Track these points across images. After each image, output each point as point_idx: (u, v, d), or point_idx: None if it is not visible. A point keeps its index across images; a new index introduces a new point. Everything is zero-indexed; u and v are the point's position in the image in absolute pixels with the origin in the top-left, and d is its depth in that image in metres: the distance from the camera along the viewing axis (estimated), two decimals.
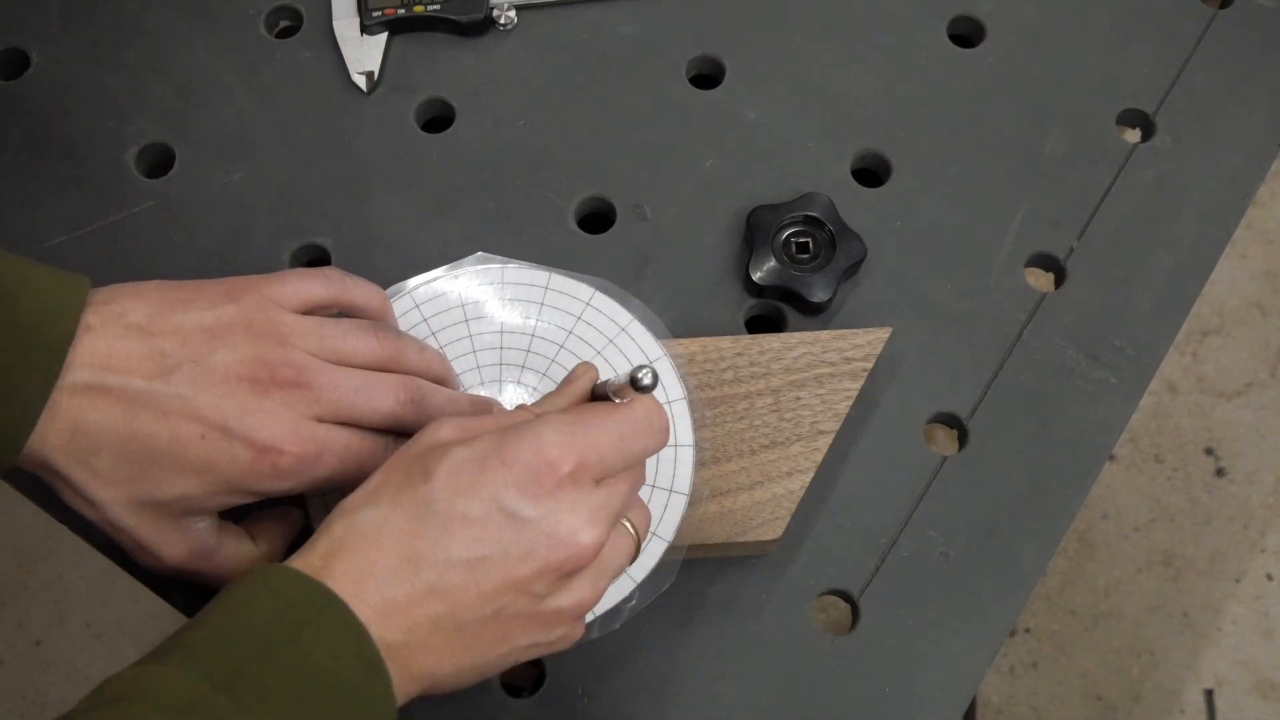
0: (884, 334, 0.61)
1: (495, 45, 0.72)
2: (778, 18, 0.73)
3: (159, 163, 0.69)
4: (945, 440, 0.63)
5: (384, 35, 0.71)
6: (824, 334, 0.62)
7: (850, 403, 0.60)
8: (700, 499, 0.58)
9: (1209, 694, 1.37)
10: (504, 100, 0.70)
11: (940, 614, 0.58)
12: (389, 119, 0.70)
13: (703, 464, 0.59)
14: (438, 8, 0.71)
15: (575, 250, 0.66)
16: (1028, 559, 0.60)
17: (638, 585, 0.56)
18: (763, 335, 0.62)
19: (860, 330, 0.62)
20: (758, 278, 0.64)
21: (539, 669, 0.58)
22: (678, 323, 0.63)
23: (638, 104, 0.70)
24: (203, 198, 0.68)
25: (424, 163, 0.69)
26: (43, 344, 0.47)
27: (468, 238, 0.66)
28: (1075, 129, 0.69)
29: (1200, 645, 1.39)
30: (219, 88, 0.71)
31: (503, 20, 0.71)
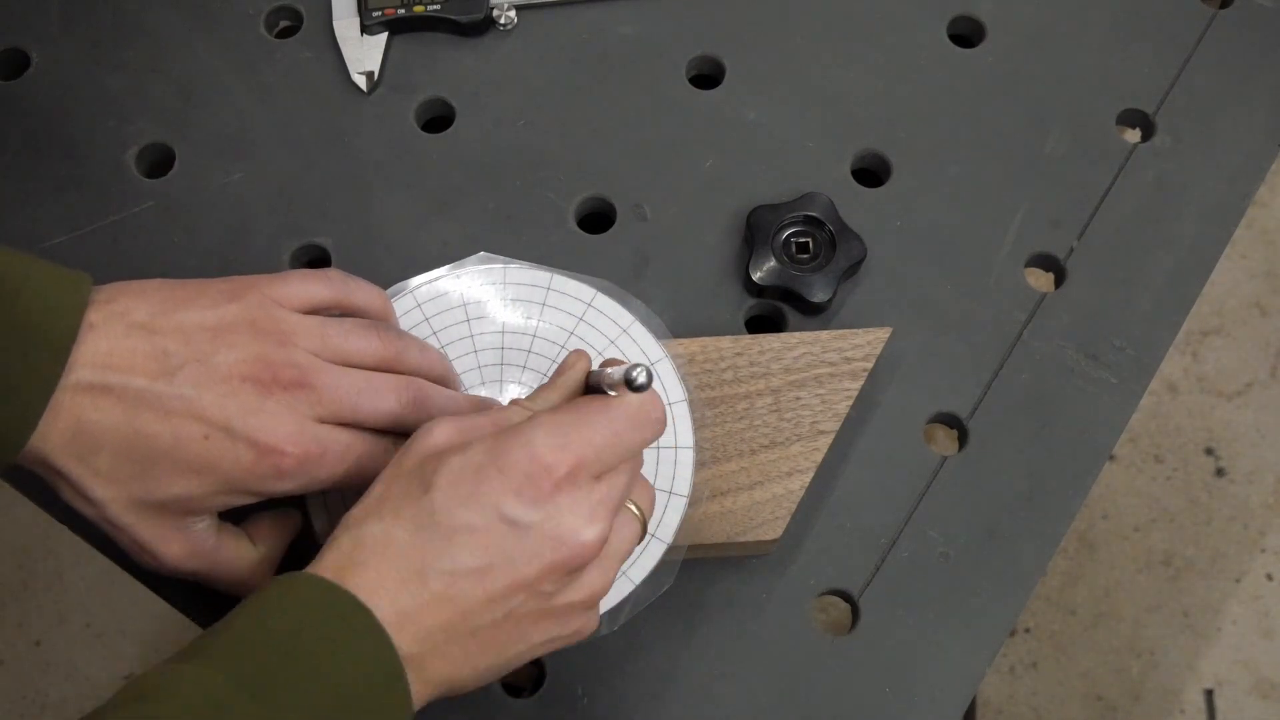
0: (884, 334, 0.61)
1: (495, 45, 0.72)
2: (778, 18, 0.73)
3: (159, 163, 0.69)
4: (945, 440, 0.63)
5: (384, 35, 0.71)
6: (824, 334, 0.62)
7: (850, 403, 0.60)
8: (700, 499, 0.58)
9: (1209, 694, 1.37)
10: (504, 100, 0.70)
11: (940, 614, 0.58)
12: (389, 119, 0.70)
13: (703, 464, 0.59)
14: (438, 8, 0.71)
15: (575, 250, 0.66)
16: (1028, 559, 0.60)
17: (637, 585, 0.56)
18: (763, 335, 0.62)
19: (860, 330, 0.62)
20: (758, 278, 0.64)
21: (539, 669, 0.58)
22: (678, 323, 0.63)
23: (638, 104, 0.70)
24: (203, 198, 0.68)
25: (424, 163, 0.69)
26: (45, 342, 0.47)
27: (468, 238, 0.66)
28: (1075, 129, 0.69)
29: (1200, 645, 1.39)
30: (219, 88, 0.71)
31: (503, 20, 0.71)
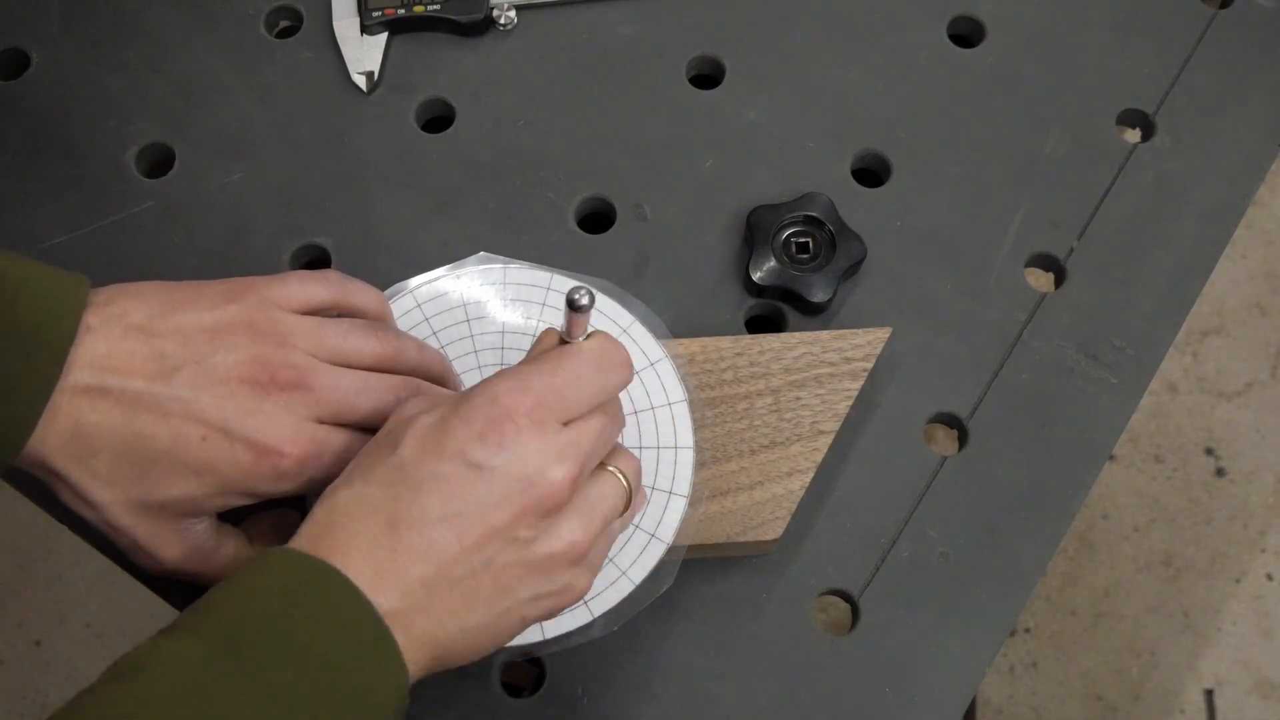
0: (884, 334, 0.61)
1: (495, 45, 0.72)
2: (778, 18, 0.73)
3: (159, 163, 0.69)
4: (945, 440, 0.63)
5: (384, 35, 0.71)
6: (824, 334, 0.62)
7: (850, 403, 0.60)
8: (700, 499, 0.58)
9: (1209, 694, 1.37)
10: (504, 100, 0.70)
11: (940, 614, 0.58)
12: (389, 119, 0.70)
13: (703, 464, 0.59)
14: (438, 8, 0.71)
15: (575, 250, 0.66)
16: (1028, 559, 0.60)
17: (637, 585, 0.56)
18: (763, 335, 0.62)
19: (860, 330, 0.62)
20: (758, 278, 0.64)
21: (539, 669, 0.58)
22: (678, 323, 0.63)
23: (638, 104, 0.70)
24: (203, 198, 0.68)
25: (424, 163, 0.69)
26: (44, 345, 0.47)
27: (468, 238, 0.66)
28: (1075, 129, 0.69)
29: (1200, 645, 1.39)
30: (219, 88, 0.71)
31: (503, 20, 0.71)
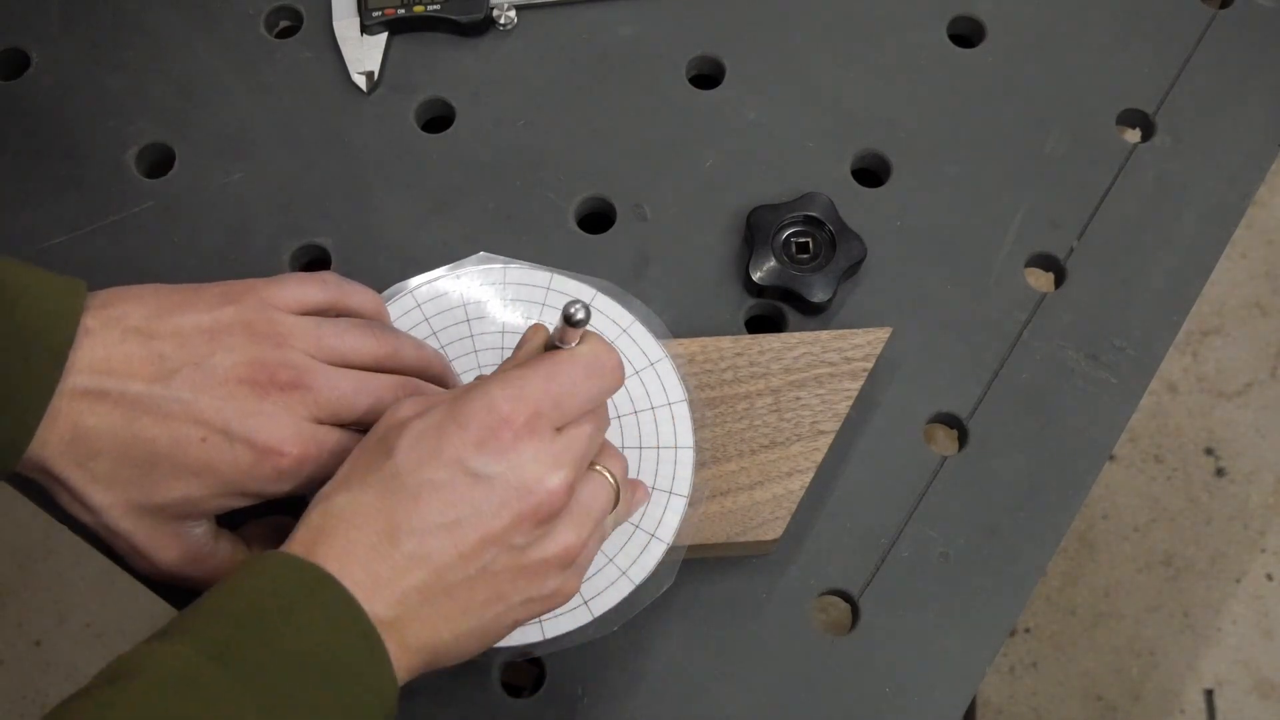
0: (884, 334, 0.61)
1: (495, 45, 0.72)
2: (778, 18, 0.73)
3: (159, 163, 0.69)
4: (945, 440, 0.63)
5: (384, 35, 0.71)
6: (824, 334, 0.62)
7: (850, 403, 0.60)
8: (700, 499, 0.58)
9: (1209, 694, 1.37)
10: (504, 100, 0.70)
11: (940, 614, 0.58)
12: (389, 119, 0.70)
13: (703, 464, 0.59)
14: (438, 8, 0.71)
15: (575, 250, 0.66)
16: (1028, 559, 0.60)
17: (637, 585, 0.56)
18: (763, 335, 0.62)
19: (860, 330, 0.62)
20: (758, 278, 0.64)
21: (539, 669, 0.58)
22: (678, 323, 0.63)
23: (638, 104, 0.70)
24: (203, 198, 0.68)
25: (424, 163, 0.69)
26: (43, 349, 0.47)
27: (468, 238, 0.66)
28: (1075, 129, 0.69)
29: (1200, 645, 1.39)
30: (219, 88, 0.71)
31: (503, 20, 0.71)
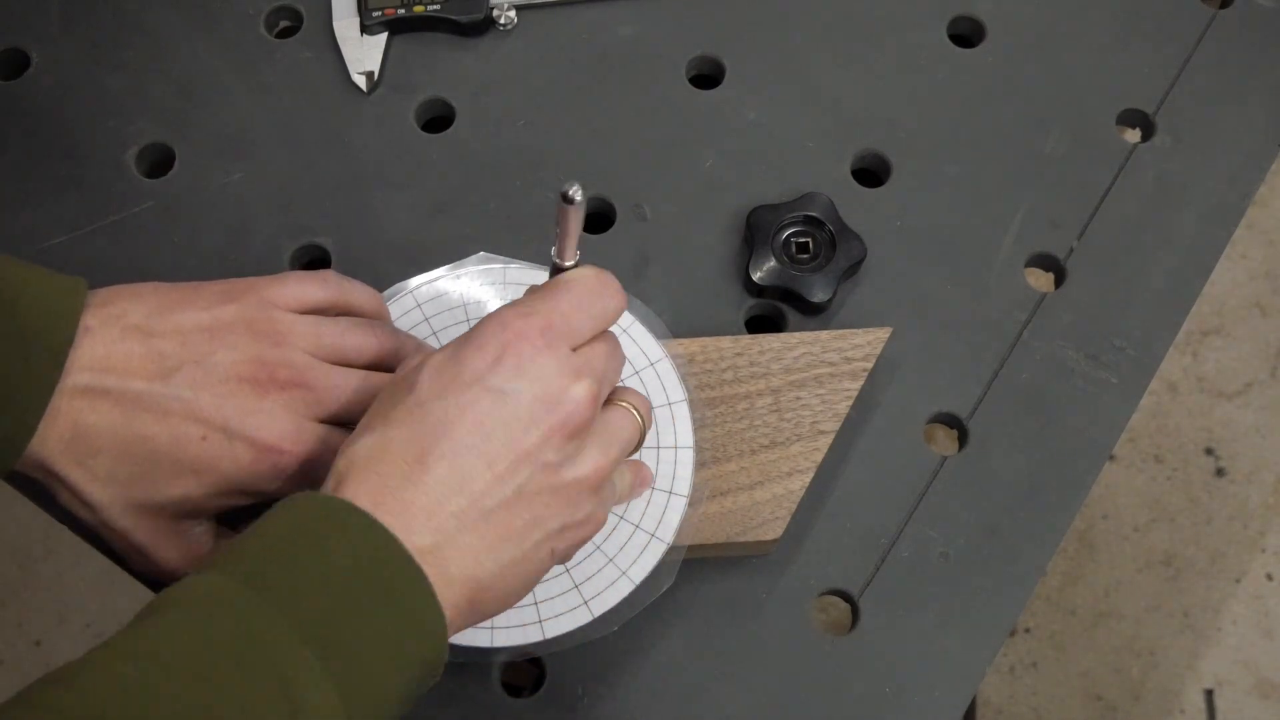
0: (884, 334, 0.61)
1: (495, 45, 0.72)
2: (778, 18, 0.73)
3: (159, 163, 0.69)
4: (945, 440, 0.63)
5: (384, 35, 0.71)
6: (824, 334, 0.62)
7: (850, 403, 0.60)
8: (700, 499, 0.58)
9: (1209, 694, 1.37)
10: (504, 100, 0.70)
11: (940, 614, 0.58)
12: (389, 119, 0.70)
13: (703, 464, 0.59)
14: (438, 8, 0.71)
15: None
16: (1028, 559, 0.60)
17: (637, 585, 0.56)
18: (763, 335, 0.62)
19: (860, 330, 0.62)
20: (758, 278, 0.64)
21: (539, 669, 0.58)
22: (678, 323, 0.63)
23: (638, 104, 0.70)
24: (203, 198, 0.68)
25: (424, 163, 0.69)
26: (43, 348, 0.47)
27: (468, 238, 0.66)
28: (1075, 129, 0.69)
29: (1200, 645, 1.39)
30: (219, 88, 0.70)
31: (503, 20, 0.71)
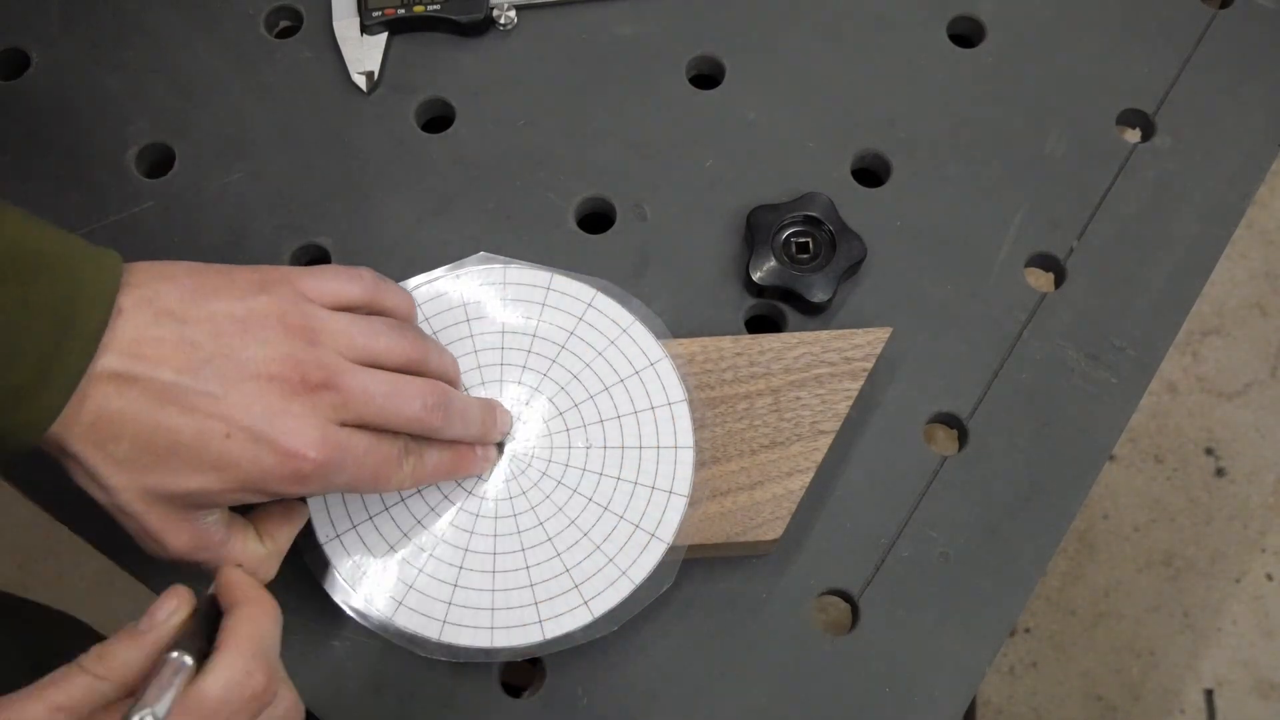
0: (884, 334, 0.61)
1: (495, 45, 0.72)
2: (778, 18, 0.73)
3: (159, 163, 0.69)
4: (945, 440, 0.63)
5: (384, 35, 0.71)
6: (824, 334, 0.62)
7: (850, 403, 0.60)
8: (700, 499, 0.58)
9: (1209, 694, 1.37)
10: (504, 100, 0.70)
11: (940, 614, 0.58)
12: (389, 119, 0.70)
13: (703, 464, 0.59)
14: (438, 8, 0.71)
15: (575, 250, 0.66)
16: (1028, 559, 0.60)
17: (638, 585, 0.56)
18: (763, 335, 0.62)
19: (860, 330, 0.62)
20: (758, 278, 0.64)
21: (539, 669, 0.58)
22: (678, 323, 0.63)
23: (638, 104, 0.70)
24: (203, 198, 0.68)
25: (424, 163, 0.69)
26: (76, 333, 0.47)
27: (468, 238, 0.66)
28: (1075, 129, 0.69)
29: (1200, 645, 1.39)
30: (219, 88, 0.71)
31: (503, 20, 0.71)
